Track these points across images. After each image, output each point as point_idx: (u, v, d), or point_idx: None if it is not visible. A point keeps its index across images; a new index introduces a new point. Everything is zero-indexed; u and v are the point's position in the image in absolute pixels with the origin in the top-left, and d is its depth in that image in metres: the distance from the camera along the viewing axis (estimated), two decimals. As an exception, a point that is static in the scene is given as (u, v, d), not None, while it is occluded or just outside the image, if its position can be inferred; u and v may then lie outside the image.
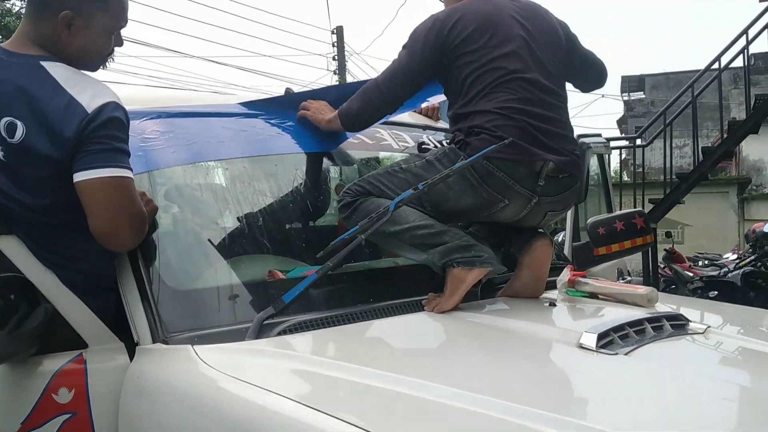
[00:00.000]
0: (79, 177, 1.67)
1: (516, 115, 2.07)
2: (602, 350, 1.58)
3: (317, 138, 2.40)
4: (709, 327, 1.83)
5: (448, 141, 2.24)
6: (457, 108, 2.17)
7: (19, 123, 1.67)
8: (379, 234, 1.98)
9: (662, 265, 9.50)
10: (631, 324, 1.72)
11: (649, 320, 1.77)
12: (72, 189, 1.68)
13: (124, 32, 1.92)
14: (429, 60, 2.19)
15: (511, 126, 2.05)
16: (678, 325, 1.82)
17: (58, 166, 1.68)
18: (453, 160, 2.07)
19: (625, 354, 1.56)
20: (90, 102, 1.68)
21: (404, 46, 2.25)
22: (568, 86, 2.34)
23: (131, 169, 1.74)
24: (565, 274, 2.19)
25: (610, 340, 1.63)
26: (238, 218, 2.21)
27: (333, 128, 2.35)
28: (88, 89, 1.72)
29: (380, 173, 2.19)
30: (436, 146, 2.65)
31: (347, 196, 2.17)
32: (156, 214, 1.89)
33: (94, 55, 1.87)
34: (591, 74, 2.47)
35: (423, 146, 2.67)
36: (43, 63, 1.74)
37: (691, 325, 1.84)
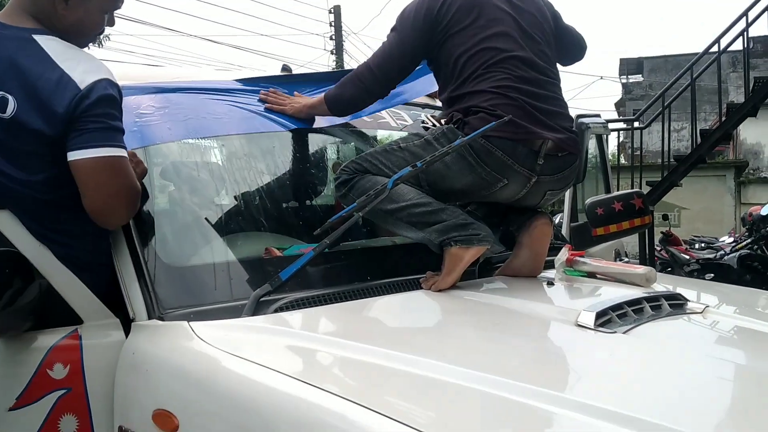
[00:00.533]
0: (73, 156, 1.65)
1: (513, 93, 2.06)
2: (600, 329, 1.57)
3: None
4: (707, 306, 1.83)
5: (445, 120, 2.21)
6: (451, 91, 2.15)
7: (10, 97, 1.65)
8: (376, 212, 1.97)
9: (659, 248, 9.49)
10: (630, 303, 1.71)
11: (648, 299, 1.76)
12: (65, 165, 1.66)
13: (121, 10, 1.89)
14: (419, 41, 2.17)
15: (508, 105, 2.04)
16: (676, 304, 1.82)
17: (50, 142, 1.65)
18: (451, 140, 2.05)
19: (623, 333, 1.56)
20: (82, 78, 1.66)
21: (393, 29, 2.24)
22: (576, 69, 2.33)
23: (126, 147, 1.72)
24: (564, 254, 2.18)
25: (608, 318, 1.62)
26: (234, 196, 2.19)
27: (317, 114, 2.34)
28: (81, 65, 1.69)
29: (378, 151, 2.17)
30: (435, 125, 2.63)
31: (344, 173, 2.15)
32: (145, 176, 1.88)
33: (87, 30, 1.84)
34: (574, 50, 2.47)
35: (423, 124, 2.65)
36: (35, 36, 1.71)
37: (689, 304, 1.83)
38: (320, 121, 2.39)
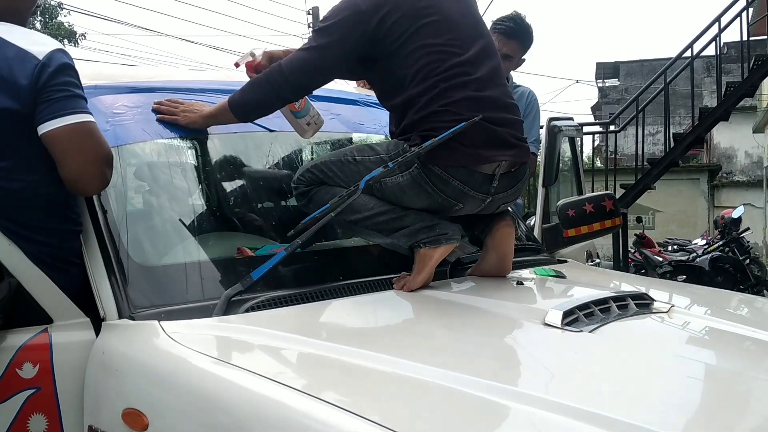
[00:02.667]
0: (45, 128, 1.67)
1: (466, 112, 1.97)
2: (567, 327, 1.60)
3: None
4: (673, 306, 1.86)
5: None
6: (401, 100, 2.05)
7: None
8: (341, 222, 1.97)
9: (632, 250, 9.60)
10: (597, 302, 1.74)
11: (614, 299, 1.79)
12: (33, 147, 1.66)
13: (96, 9, 1.91)
14: (347, 56, 2.07)
15: (469, 124, 1.94)
16: (643, 304, 1.84)
17: (18, 119, 1.66)
18: (408, 164, 1.98)
19: (590, 331, 1.58)
20: (39, 49, 1.70)
21: (319, 31, 2.10)
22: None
23: (92, 114, 1.76)
24: None
25: (575, 317, 1.65)
26: (207, 195, 2.19)
27: (217, 123, 2.17)
28: (31, 38, 1.74)
29: (332, 161, 2.12)
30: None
31: (301, 184, 2.14)
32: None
33: (23, 7, 1.88)
34: None
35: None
36: None
37: (656, 304, 1.86)
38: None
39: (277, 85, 2.06)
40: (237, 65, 2.28)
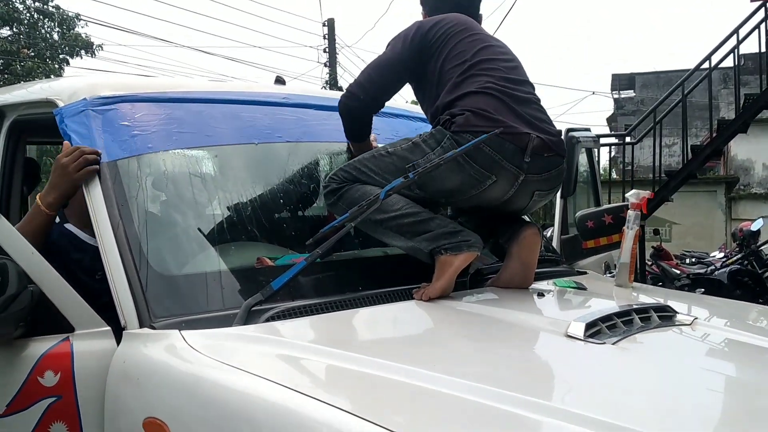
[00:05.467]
0: None
1: (498, 93, 2.11)
2: (590, 339, 1.59)
3: (307, 127, 2.40)
4: (696, 319, 1.85)
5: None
6: (436, 99, 2.21)
7: None
8: (365, 222, 1.97)
9: (650, 263, 9.53)
10: (619, 314, 1.73)
11: (637, 311, 1.78)
12: None
13: (113, 20, 1.92)
14: (408, 57, 2.27)
15: (494, 102, 2.09)
16: (665, 316, 1.83)
17: None
18: (439, 140, 2.08)
19: (613, 344, 1.57)
20: None
21: (387, 46, 2.35)
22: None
23: None
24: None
25: (597, 329, 1.64)
26: (227, 205, 2.20)
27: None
28: None
29: (366, 158, 2.18)
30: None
31: (333, 182, 2.16)
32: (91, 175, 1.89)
33: None
34: None
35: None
36: None
37: (678, 316, 1.85)
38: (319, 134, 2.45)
39: (355, 95, 2.30)
40: None
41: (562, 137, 2.40)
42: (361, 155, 2.23)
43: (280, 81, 2.79)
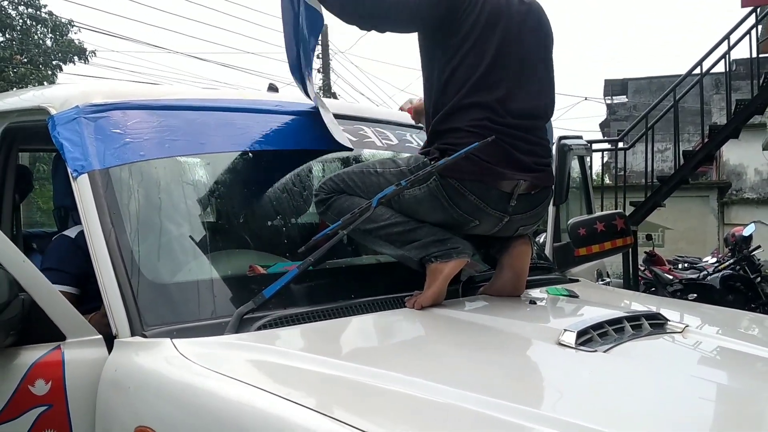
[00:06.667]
0: None
1: (488, 132, 1.97)
2: (581, 347, 1.59)
3: (300, 135, 2.40)
4: (687, 326, 1.85)
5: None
6: (436, 115, 2.09)
7: None
8: (356, 231, 1.97)
9: (642, 268, 9.55)
10: (611, 322, 1.73)
11: (628, 319, 1.78)
12: None
13: (106, 27, 1.91)
14: (427, 16, 2.07)
15: (487, 147, 1.94)
16: (656, 324, 1.83)
17: None
18: (425, 178, 2.00)
19: (604, 351, 1.57)
20: None
21: None
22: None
23: None
24: None
25: (589, 337, 1.64)
26: (219, 213, 2.19)
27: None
28: None
29: (355, 172, 2.17)
30: (419, 144, 2.65)
31: (322, 192, 2.17)
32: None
33: None
34: None
35: (408, 144, 2.67)
36: None
37: (670, 324, 1.85)
38: (311, 141, 2.39)
39: None
40: (401, 109, 2.90)
41: (554, 151, 2.37)
42: (351, 167, 2.21)
43: (273, 88, 2.78)
